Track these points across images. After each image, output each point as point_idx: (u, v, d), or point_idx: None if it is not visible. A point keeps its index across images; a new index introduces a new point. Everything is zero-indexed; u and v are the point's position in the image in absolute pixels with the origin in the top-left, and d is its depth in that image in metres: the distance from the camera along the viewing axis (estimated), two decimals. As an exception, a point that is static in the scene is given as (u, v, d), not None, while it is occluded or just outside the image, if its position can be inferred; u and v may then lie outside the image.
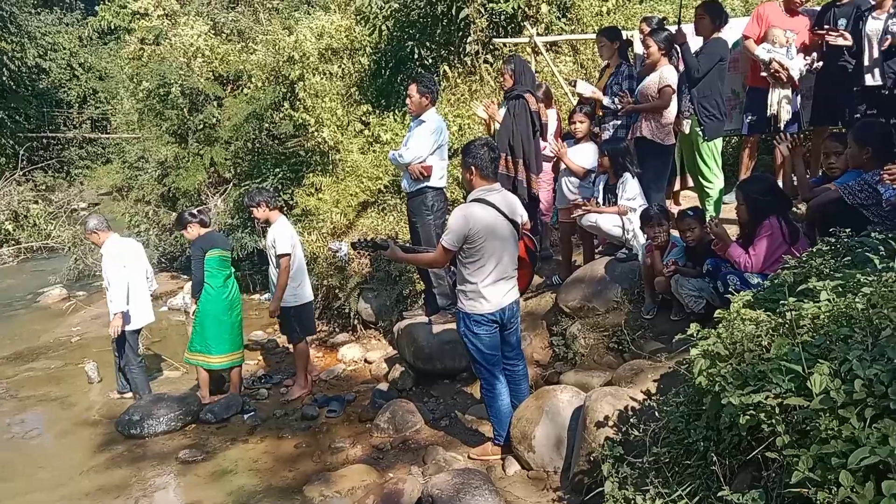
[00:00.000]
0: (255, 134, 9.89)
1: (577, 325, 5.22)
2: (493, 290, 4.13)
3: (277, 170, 9.50)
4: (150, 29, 11.28)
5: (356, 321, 7.46)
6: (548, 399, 4.31)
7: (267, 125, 9.63)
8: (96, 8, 15.33)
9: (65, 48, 27.99)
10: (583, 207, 5.36)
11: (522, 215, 4.29)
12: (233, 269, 6.52)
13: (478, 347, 4.22)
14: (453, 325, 5.86)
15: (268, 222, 6.22)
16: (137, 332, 6.43)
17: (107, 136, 24.94)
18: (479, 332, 4.18)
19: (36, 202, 17.84)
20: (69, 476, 5.14)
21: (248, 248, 9.80)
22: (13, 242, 15.97)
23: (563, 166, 5.91)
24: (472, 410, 5.21)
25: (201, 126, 10.20)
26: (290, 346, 6.47)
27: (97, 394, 6.75)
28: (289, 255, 5.96)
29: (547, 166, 6.41)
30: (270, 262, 6.17)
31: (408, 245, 5.21)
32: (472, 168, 4.12)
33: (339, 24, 10.01)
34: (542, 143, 6.13)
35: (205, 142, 10.19)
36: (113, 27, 14.12)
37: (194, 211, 6.46)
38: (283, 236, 5.97)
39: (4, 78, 23.27)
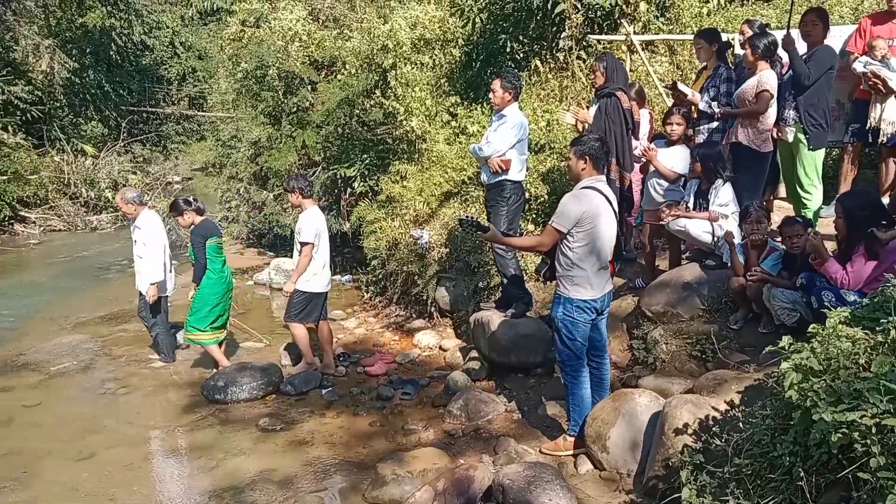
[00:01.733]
0: (345, 119, 10.10)
1: (660, 330, 5.16)
2: (596, 277, 4.26)
3: (365, 156, 9.68)
4: (251, 11, 11.67)
5: (433, 308, 7.56)
6: (625, 402, 4.30)
7: (357, 111, 9.83)
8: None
9: (168, 27, 29.21)
10: (673, 211, 5.30)
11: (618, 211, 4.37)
12: (225, 256, 6.89)
13: (572, 334, 4.30)
14: (527, 319, 5.95)
15: (300, 209, 6.41)
16: (167, 298, 7.02)
17: (203, 114, 26.00)
18: (579, 318, 4.28)
19: (134, 173, 18.79)
20: (155, 434, 5.45)
21: (333, 230, 10.05)
22: (111, 210, 16.86)
23: (651, 167, 5.85)
24: (544, 406, 5.23)
25: (295, 109, 10.51)
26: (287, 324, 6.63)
27: (185, 358, 7.08)
28: (311, 243, 6.20)
29: (636, 166, 6.35)
30: (295, 247, 6.39)
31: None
32: (587, 157, 4.25)
33: (432, 14, 10.10)
34: (633, 143, 6.07)
35: (297, 124, 10.48)
36: (215, 8, 14.62)
37: (190, 198, 6.76)
38: (308, 225, 6.19)
39: (112, 52, 24.50)
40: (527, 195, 6.70)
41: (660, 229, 5.74)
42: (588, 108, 6.29)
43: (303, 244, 6.20)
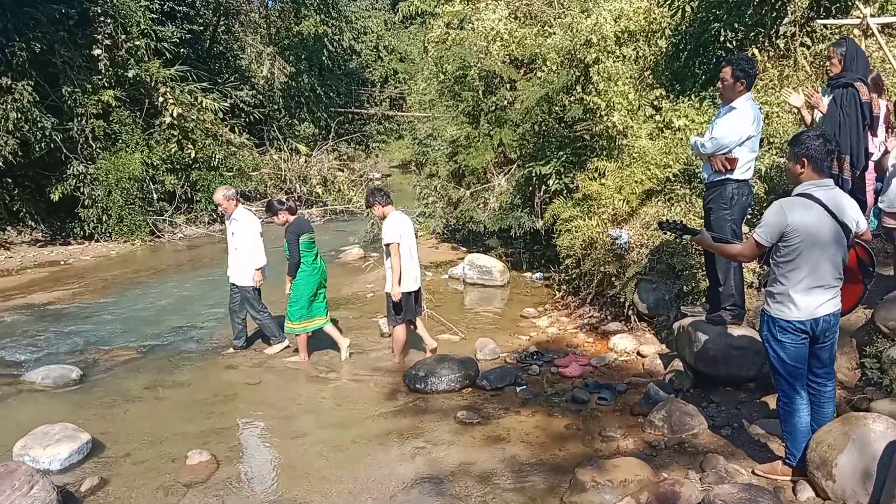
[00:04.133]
0: (542, 116, 10.04)
1: (899, 348, 4.56)
2: (805, 297, 3.77)
3: (561, 153, 9.56)
4: (455, 14, 11.98)
5: (630, 312, 7.29)
6: (856, 426, 3.84)
7: (556, 108, 9.72)
8: (406, -6, 16.64)
9: (373, 31, 30.97)
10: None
11: (858, 220, 3.82)
12: (318, 249, 7.22)
13: (779, 356, 3.89)
14: (741, 330, 5.52)
15: (383, 217, 6.74)
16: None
17: (402, 114, 27.24)
18: (784, 339, 3.85)
19: (341, 170, 20.14)
20: (361, 417, 5.72)
21: (526, 228, 10.06)
22: (321, 204, 18.18)
23: (891, 166, 5.18)
24: (758, 423, 4.82)
25: (493, 108, 10.63)
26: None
27: (388, 346, 7.41)
28: (396, 243, 6.49)
29: (870, 165, 5.67)
30: (383, 252, 6.75)
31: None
32: (804, 160, 3.78)
33: (637, 5, 9.74)
34: (870, 140, 5.42)
35: (495, 123, 10.60)
36: (420, 11, 15.23)
37: (282, 198, 7.43)
38: (390, 229, 6.52)
39: (324, 57, 26.41)
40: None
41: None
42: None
43: (387, 245, 6.54)
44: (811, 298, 3.78)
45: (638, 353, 6.71)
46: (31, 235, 14.52)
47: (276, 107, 23.62)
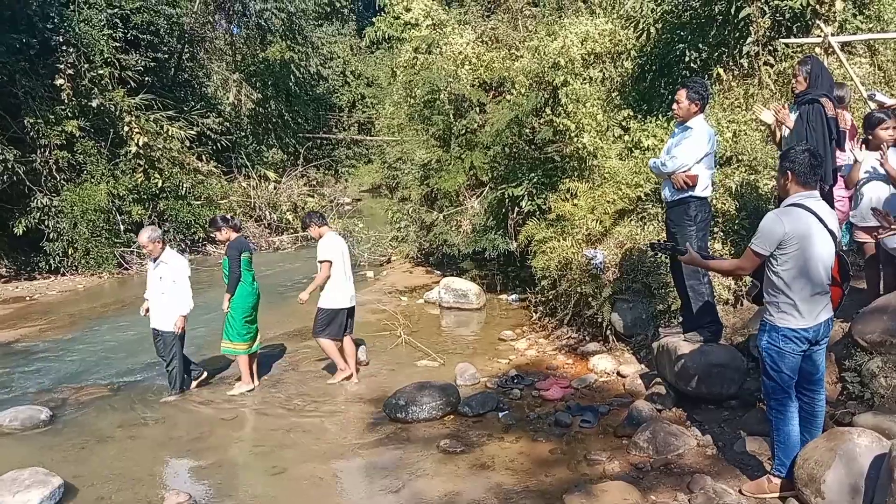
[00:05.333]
0: (513, 139, 10.09)
1: (878, 361, 4.62)
2: (808, 304, 3.87)
3: (532, 174, 9.61)
4: (423, 38, 12.04)
5: (608, 332, 7.30)
6: (842, 442, 3.87)
7: (526, 131, 9.79)
8: (373, 19, 16.71)
9: (339, 56, 31.03)
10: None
11: (836, 230, 3.95)
12: (254, 271, 7.23)
13: (778, 366, 3.95)
14: (720, 347, 5.56)
15: (319, 237, 7.09)
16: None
17: (370, 138, 27.25)
18: (786, 348, 3.92)
19: (311, 195, 20.03)
20: (341, 450, 5.61)
21: (500, 250, 10.05)
22: (292, 231, 18.03)
23: (861, 179, 5.29)
24: (742, 442, 4.82)
25: (464, 131, 10.67)
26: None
27: (366, 375, 7.31)
28: (329, 261, 6.88)
29: (840, 180, 5.79)
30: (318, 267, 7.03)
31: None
32: (789, 173, 3.92)
33: (603, 28, 9.90)
34: (837, 154, 5.54)
35: (466, 146, 10.62)
36: (387, 37, 15.31)
37: (227, 216, 7.31)
38: (325, 248, 6.94)
39: (291, 83, 26.35)
40: (713, 211, 6.32)
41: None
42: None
43: (321, 262, 6.92)
44: (813, 305, 3.88)
45: (618, 374, 6.70)
46: (-7, 271, 14.11)
47: (243, 133, 23.44)
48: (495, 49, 11.69)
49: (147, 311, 7.05)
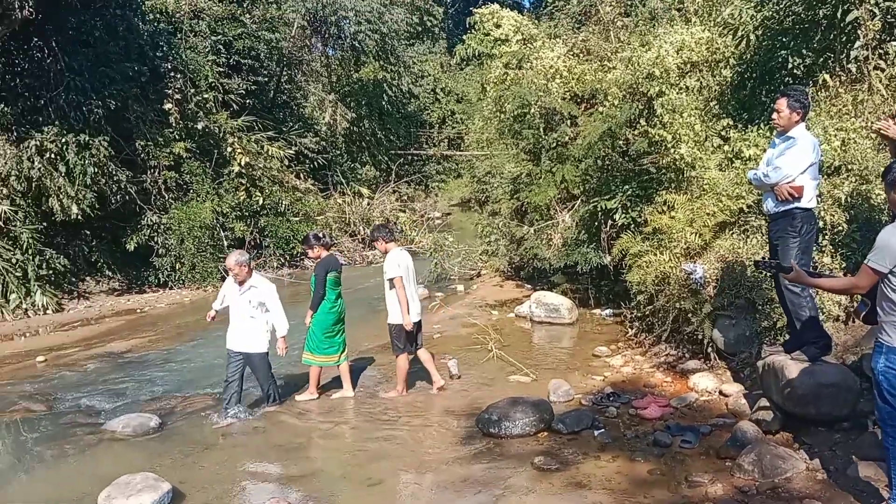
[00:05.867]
0: (605, 151, 9.94)
1: None
2: None
3: (626, 187, 9.43)
4: (514, 54, 12.09)
5: (710, 349, 7.03)
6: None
7: (620, 142, 9.63)
8: (463, 37, 16.92)
9: (430, 74, 31.55)
10: None
11: None
12: (341, 288, 7.44)
13: (895, 390, 3.67)
14: (831, 366, 5.25)
15: (385, 252, 7.21)
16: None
17: (460, 153, 27.50)
18: None
19: (403, 211, 20.38)
20: (435, 463, 5.62)
21: (593, 263, 9.88)
22: (384, 246, 18.31)
23: None
24: (855, 467, 4.53)
25: (554, 144, 10.60)
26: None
27: (458, 388, 7.34)
28: (400, 276, 6.94)
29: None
30: (385, 286, 7.13)
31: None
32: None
33: (699, 36, 9.62)
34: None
35: (557, 159, 10.55)
36: (477, 53, 15.46)
37: (319, 234, 7.54)
38: (393, 263, 6.99)
39: (384, 102, 26.99)
40: (820, 224, 6.01)
41: None
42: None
43: (391, 279, 6.97)
44: None
45: (720, 393, 6.44)
46: (108, 285, 15.05)
47: (338, 152, 24.18)
48: (587, 61, 11.57)
49: (213, 317, 7.21)
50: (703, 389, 6.55)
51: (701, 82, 9.44)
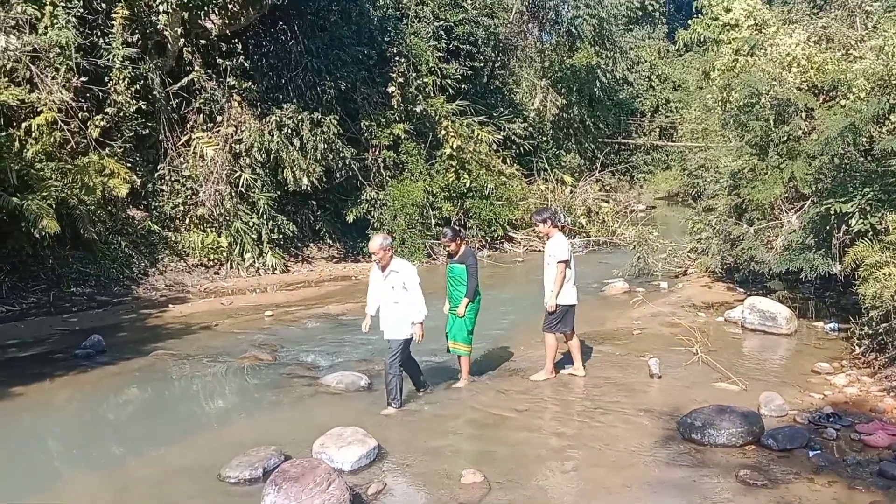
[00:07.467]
0: (845, 149, 9.00)
1: None
2: None
3: (867, 189, 8.46)
4: (747, 40, 11.30)
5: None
6: None
7: (863, 139, 8.66)
8: (688, 21, 16.11)
9: (646, 61, 30.44)
10: None
11: None
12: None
13: None
14: None
15: (548, 237, 7.54)
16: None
17: (672, 144, 26.34)
18: None
19: (606, 201, 20.01)
20: (631, 461, 5.50)
21: (819, 271, 9.01)
22: (584, 235, 18.17)
23: None
24: None
25: (785, 138, 9.78)
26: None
27: (658, 389, 7.11)
28: (566, 260, 7.25)
29: None
30: (547, 265, 7.42)
31: None
32: None
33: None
34: None
35: (786, 155, 9.73)
36: (702, 39, 14.65)
37: (457, 227, 7.52)
38: (563, 247, 7.32)
39: (595, 89, 26.53)
40: None
41: None
42: None
43: (559, 262, 7.23)
44: None
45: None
46: (328, 252, 16.41)
47: (545, 138, 24.18)
48: (828, 49, 10.51)
49: (369, 325, 6.97)
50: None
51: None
